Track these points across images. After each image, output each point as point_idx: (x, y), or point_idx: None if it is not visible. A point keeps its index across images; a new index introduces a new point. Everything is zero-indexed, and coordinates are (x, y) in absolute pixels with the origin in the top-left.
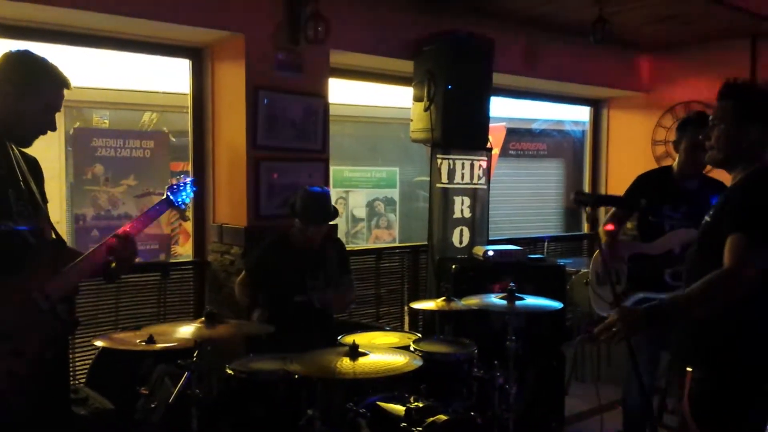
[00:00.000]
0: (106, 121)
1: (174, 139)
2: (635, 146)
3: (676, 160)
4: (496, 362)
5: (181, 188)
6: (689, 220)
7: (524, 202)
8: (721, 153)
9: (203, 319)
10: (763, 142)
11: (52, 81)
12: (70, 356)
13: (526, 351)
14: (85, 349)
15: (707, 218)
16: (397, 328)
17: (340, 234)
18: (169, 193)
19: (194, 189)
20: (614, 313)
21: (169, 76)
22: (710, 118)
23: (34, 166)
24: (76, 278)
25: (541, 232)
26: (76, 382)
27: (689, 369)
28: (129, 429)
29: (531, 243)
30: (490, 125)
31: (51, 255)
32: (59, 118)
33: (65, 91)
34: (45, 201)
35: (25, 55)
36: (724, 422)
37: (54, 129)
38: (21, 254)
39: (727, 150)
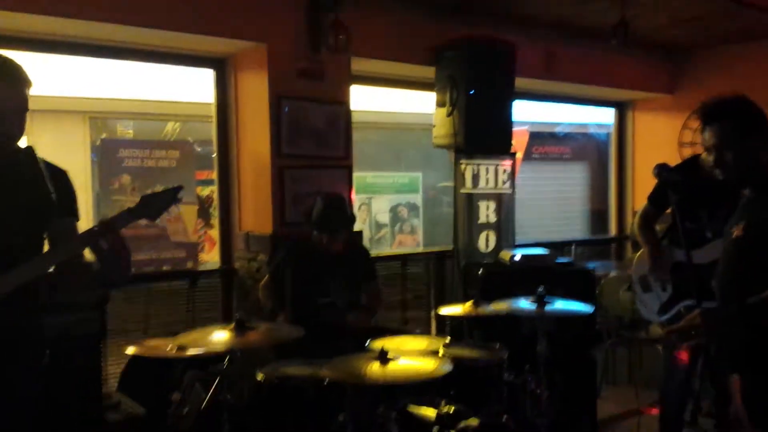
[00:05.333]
0: (131, 132)
1: (199, 149)
2: (661, 149)
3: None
4: (527, 367)
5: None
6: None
7: (549, 206)
8: (737, 175)
9: (233, 325)
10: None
11: None
12: (102, 362)
13: (556, 355)
14: (116, 355)
15: (738, 232)
16: (425, 333)
17: (365, 240)
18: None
19: (176, 202)
20: (696, 314)
21: (192, 86)
22: (709, 143)
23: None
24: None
25: (567, 236)
26: (108, 388)
27: (737, 376)
28: None
29: (557, 247)
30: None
31: None
32: (82, 128)
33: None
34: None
35: None
36: None
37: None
38: None
39: (744, 172)
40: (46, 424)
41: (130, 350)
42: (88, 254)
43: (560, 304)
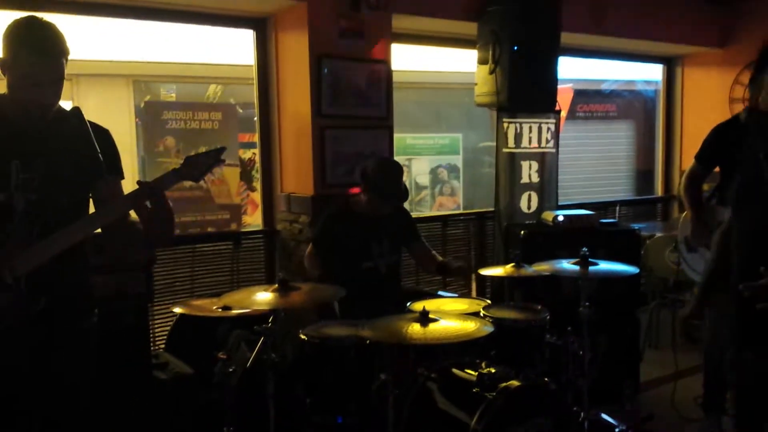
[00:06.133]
0: (173, 95)
1: (241, 111)
2: (712, 105)
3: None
4: (569, 328)
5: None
6: None
7: (593, 166)
8: None
9: (276, 286)
10: None
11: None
12: (149, 322)
13: (599, 317)
14: (164, 315)
15: None
16: (465, 294)
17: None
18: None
19: (219, 163)
20: None
21: (233, 49)
22: None
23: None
24: (46, 253)
25: (611, 196)
26: (156, 347)
27: None
28: (208, 392)
29: (602, 207)
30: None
31: (30, 228)
32: (127, 92)
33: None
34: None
35: (14, 22)
36: None
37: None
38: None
39: None
40: (96, 383)
41: (177, 310)
42: (133, 215)
43: (604, 266)
